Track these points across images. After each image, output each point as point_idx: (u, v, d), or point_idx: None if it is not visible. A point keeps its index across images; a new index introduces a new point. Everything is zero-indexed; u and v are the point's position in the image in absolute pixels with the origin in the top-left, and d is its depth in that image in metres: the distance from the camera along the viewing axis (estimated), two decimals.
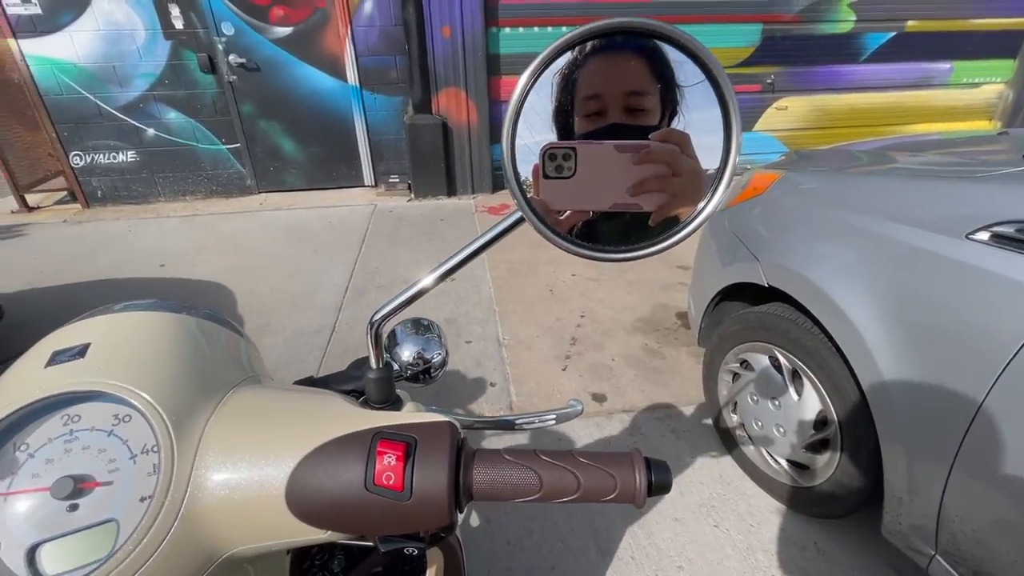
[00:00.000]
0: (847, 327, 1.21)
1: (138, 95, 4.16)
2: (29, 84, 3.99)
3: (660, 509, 1.58)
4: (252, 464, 0.35)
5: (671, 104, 0.36)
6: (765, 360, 1.53)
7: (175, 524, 0.32)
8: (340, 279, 3.11)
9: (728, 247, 1.70)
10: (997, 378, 0.93)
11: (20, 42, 3.87)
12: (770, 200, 1.59)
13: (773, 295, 1.49)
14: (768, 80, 4.78)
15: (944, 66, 4.96)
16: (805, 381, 1.40)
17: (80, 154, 4.28)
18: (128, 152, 4.34)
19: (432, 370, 0.53)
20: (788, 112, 4.97)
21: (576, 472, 0.37)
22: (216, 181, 4.58)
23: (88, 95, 4.09)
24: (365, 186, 4.80)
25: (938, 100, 5.11)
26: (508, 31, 4.31)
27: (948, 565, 1.06)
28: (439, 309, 2.73)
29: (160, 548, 0.31)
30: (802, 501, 1.50)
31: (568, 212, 0.38)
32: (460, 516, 0.38)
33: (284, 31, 4.14)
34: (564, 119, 0.36)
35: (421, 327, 0.55)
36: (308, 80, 4.32)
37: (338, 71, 4.32)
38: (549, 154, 0.37)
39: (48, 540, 0.31)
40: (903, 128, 5.11)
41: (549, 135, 0.37)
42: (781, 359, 1.46)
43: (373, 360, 0.46)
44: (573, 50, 0.35)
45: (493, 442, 1.79)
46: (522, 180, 0.37)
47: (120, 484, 0.32)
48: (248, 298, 2.91)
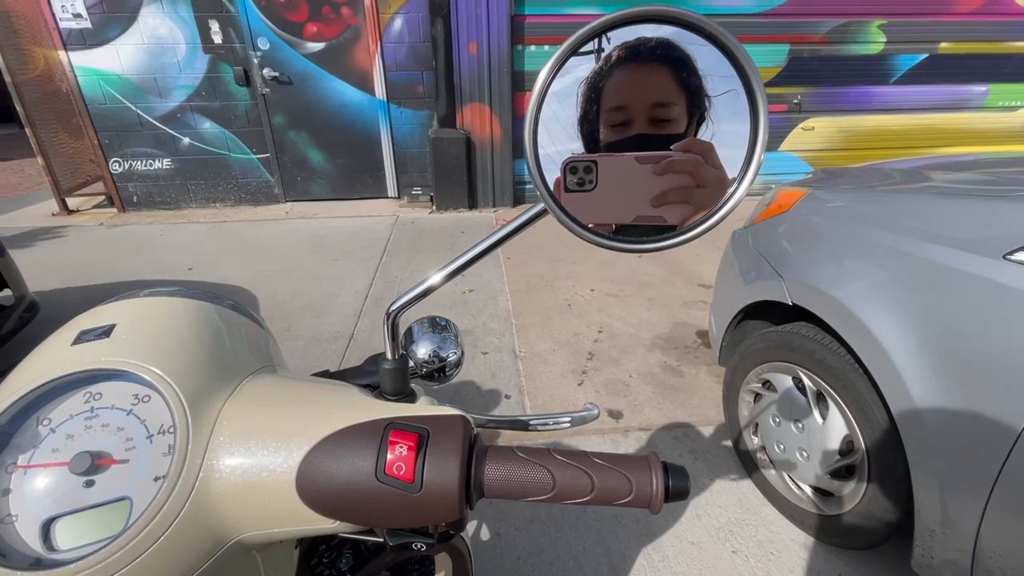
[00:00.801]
0: (876, 349, 1.17)
1: (176, 105, 4.33)
2: (76, 94, 4.19)
3: (676, 531, 1.53)
4: (264, 449, 0.35)
5: (698, 112, 0.36)
6: (788, 381, 1.48)
7: (186, 505, 0.32)
8: (361, 287, 3.15)
9: (751, 265, 1.67)
10: None
11: (70, 54, 4.08)
12: (796, 217, 1.56)
13: (797, 315, 1.45)
14: (795, 100, 4.74)
15: (979, 88, 4.85)
16: (830, 403, 1.35)
17: (119, 160, 4.46)
18: (164, 160, 4.50)
19: (447, 369, 0.53)
20: (815, 132, 4.91)
21: (591, 473, 0.36)
22: (245, 189, 4.72)
23: (130, 105, 4.28)
24: (388, 198, 4.88)
25: (973, 123, 4.99)
26: (533, 49, 4.37)
27: None
28: (456, 320, 2.74)
29: (171, 528, 0.31)
30: (826, 530, 1.43)
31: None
32: (469, 513, 0.37)
33: (317, 46, 4.27)
34: (589, 128, 0.36)
35: (438, 326, 0.55)
36: (338, 94, 4.45)
37: (367, 85, 4.43)
38: (570, 167, 0.37)
39: (64, 515, 0.31)
40: (936, 151, 4.99)
41: (575, 144, 0.37)
42: (805, 380, 1.42)
43: (389, 352, 0.46)
44: (600, 42, 0.34)
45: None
46: (544, 171, 0.37)
47: (136, 463, 0.33)
48: (270, 302, 2.97)
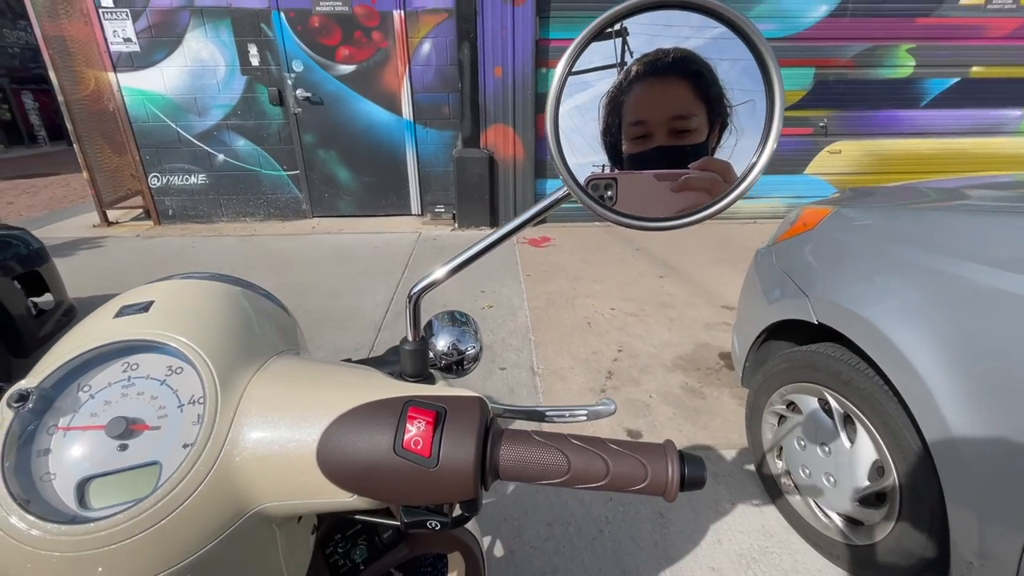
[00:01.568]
0: (907, 370, 1.13)
1: (213, 124, 4.53)
2: (122, 113, 4.43)
3: (696, 556, 1.48)
4: (287, 423, 0.36)
5: (720, 119, 0.37)
6: (814, 402, 1.44)
7: (211, 471, 0.33)
8: (382, 301, 3.19)
9: (775, 283, 1.64)
10: None
11: (118, 75, 4.33)
12: (822, 235, 1.54)
13: (822, 334, 1.42)
14: (821, 123, 4.70)
15: (1015, 113, 4.75)
16: (858, 427, 1.30)
17: (157, 175, 4.66)
18: (199, 175, 4.69)
19: (465, 362, 0.54)
20: (841, 156, 4.85)
21: (606, 457, 0.36)
22: (274, 204, 4.87)
23: (171, 123, 4.49)
24: (412, 215, 4.98)
25: (1007, 148, 4.87)
26: None
27: None
28: None
29: (196, 493, 0.33)
30: (855, 561, 1.37)
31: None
32: (484, 497, 0.37)
33: (348, 68, 4.44)
34: (612, 141, 0.38)
35: (457, 320, 0.56)
36: (366, 114, 4.59)
37: (394, 106, 4.57)
38: (592, 184, 0.38)
39: (98, 476, 0.33)
40: (969, 175, 4.86)
41: (598, 156, 0.38)
42: (832, 402, 1.37)
43: (410, 333, 0.47)
44: (623, 55, 0.36)
45: None
46: (566, 157, 0.38)
47: (166, 430, 0.34)
48: (294, 313, 3.01)
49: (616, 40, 0.36)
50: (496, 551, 1.52)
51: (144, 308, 0.39)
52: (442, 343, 0.54)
